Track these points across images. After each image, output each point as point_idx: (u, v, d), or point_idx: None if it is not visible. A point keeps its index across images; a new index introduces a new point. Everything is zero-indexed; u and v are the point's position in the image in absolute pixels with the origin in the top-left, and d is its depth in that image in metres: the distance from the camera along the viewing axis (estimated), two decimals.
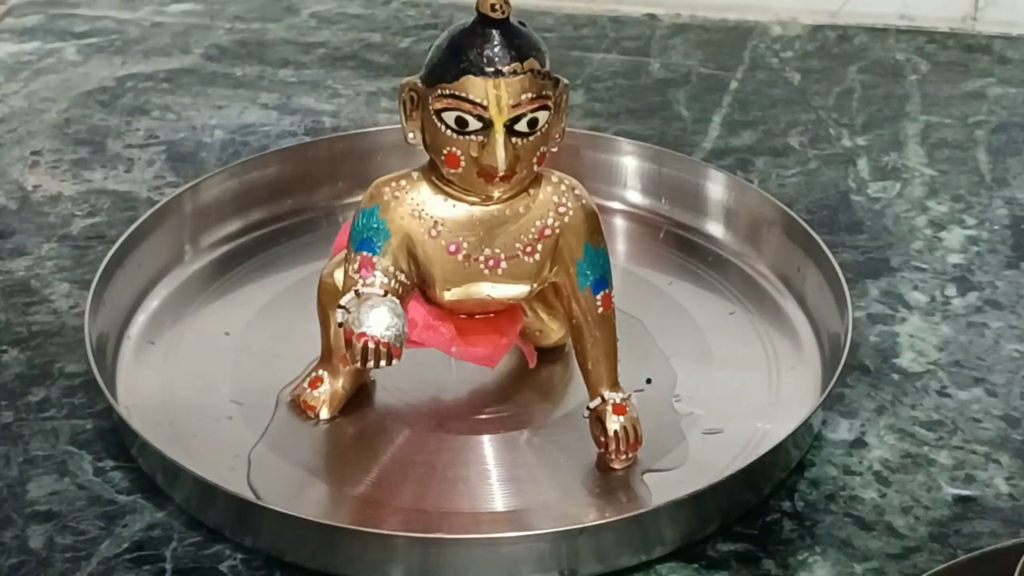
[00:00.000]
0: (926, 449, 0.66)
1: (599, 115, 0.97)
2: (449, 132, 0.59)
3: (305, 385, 0.67)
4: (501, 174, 0.59)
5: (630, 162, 0.85)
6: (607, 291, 0.63)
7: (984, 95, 1.00)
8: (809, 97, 0.99)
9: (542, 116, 0.59)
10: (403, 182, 0.61)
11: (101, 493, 0.63)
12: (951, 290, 0.78)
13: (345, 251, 0.62)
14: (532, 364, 0.69)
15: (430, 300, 0.63)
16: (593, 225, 0.63)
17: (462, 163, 0.59)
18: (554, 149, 0.61)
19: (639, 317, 0.74)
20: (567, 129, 0.62)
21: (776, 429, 0.65)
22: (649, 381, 0.69)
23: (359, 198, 0.63)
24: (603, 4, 1.14)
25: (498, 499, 0.63)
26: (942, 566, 0.56)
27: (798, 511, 0.63)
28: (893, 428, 0.68)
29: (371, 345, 0.58)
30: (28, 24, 1.10)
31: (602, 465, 0.64)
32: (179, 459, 0.61)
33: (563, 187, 0.62)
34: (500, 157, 0.58)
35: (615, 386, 0.64)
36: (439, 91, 0.58)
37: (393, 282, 0.60)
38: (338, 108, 0.98)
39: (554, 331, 0.69)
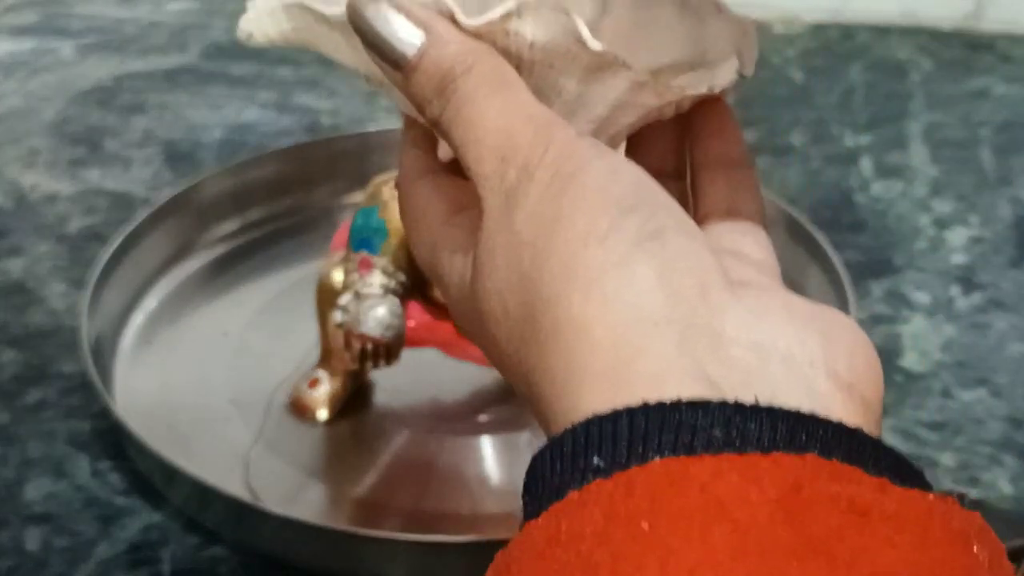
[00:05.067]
0: (929, 450, 0.66)
1: None
2: None
3: (303, 386, 0.67)
4: None
5: None
6: None
7: (988, 94, 0.99)
8: (811, 96, 0.99)
9: None
10: None
11: (98, 494, 0.63)
12: (955, 290, 0.78)
13: (344, 251, 0.62)
14: None
15: (430, 300, 0.63)
16: None
17: None
18: None
19: None
20: None
21: None
22: None
23: (358, 197, 0.63)
24: None
25: (498, 500, 0.63)
26: None
27: None
28: (896, 429, 0.67)
29: (370, 346, 0.58)
30: (25, 22, 1.10)
31: None
32: (177, 460, 0.60)
33: None
34: None
35: None
36: None
37: (393, 282, 0.60)
38: (336, 107, 0.97)
39: None
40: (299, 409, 0.66)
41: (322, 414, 0.66)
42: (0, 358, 0.71)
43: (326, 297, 0.64)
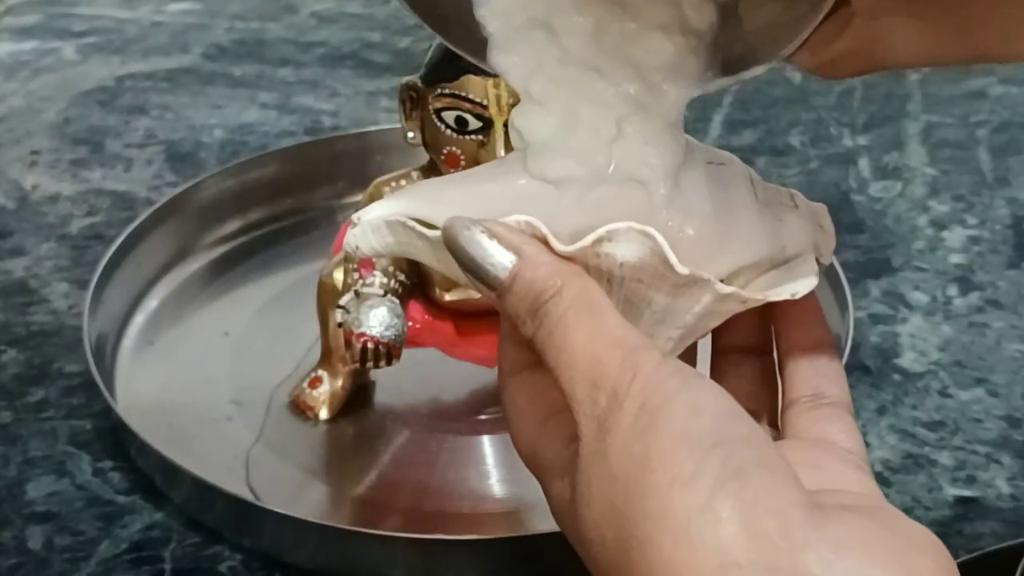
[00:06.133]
0: (927, 450, 0.66)
1: None
2: (449, 132, 0.58)
3: (304, 385, 0.67)
4: None
5: None
6: None
7: (985, 94, 0.99)
8: (810, 96, 0.99)
9: None
10: (403, 181, 0.61)
11: (100, 493, 0.63)
12: (952, 290, 0.78)
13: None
14: None
15: (430, 300, 0.63)
16: None
17: (462, 163, 0.59)
18: None
19: None
20: None
21: None
22: None
23: (358, 198, 0.63)
24: None
25: (498, 499, 0.63)
26: None
27: None
28: (894, 428, 0.67)
29: (371, 346, 0.58)
30: (27, 23, 1.10)
31: None
32: (178, 459, 0.60)
33: None
34: (500, 156, 0.58)
35: None
36: (439, 90, 0.58)
37: (393, 282, 0.60)
38: (337, 107, 0.98)
39: None
40: (300, 409, 0.67)
41: (323, 413, 0.66)
42: (2, 358, 0.72)
43: (327, 297, 0.64)
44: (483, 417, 0.67)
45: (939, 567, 0.34)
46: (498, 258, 0.37)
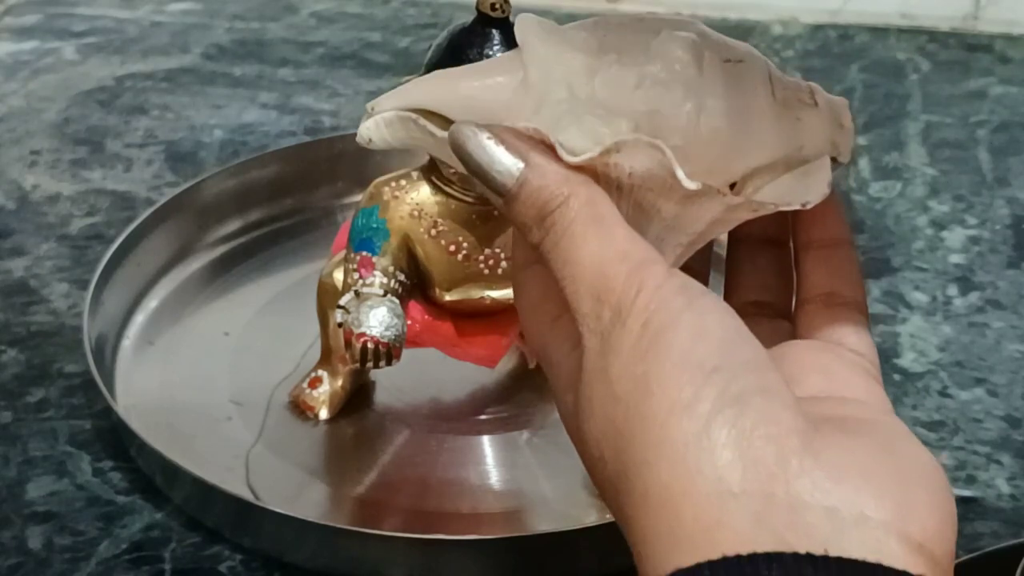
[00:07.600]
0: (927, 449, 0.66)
1: None
2: None
3: (304, 385, 0.67)
4: None
5: None
6: None
7: (985, 94, 1.00)
8: None
9: None
10: (403, 182, 0.61)
11: (100, 493, 0.63)
12: (952, 290, 0.78)
13: (344, 251, 0.62)
14: (532, 364, 0.69)
15: (430, 300, 0.63)
16: None
17: None
18: None
19: None
20: None
21: None
22: None
23: (358, 198, 0.63)
24: (603, 4, 1.13)
25: (498, 499, 0.63)
26: None
27: None
28: None
29: (371, 346, 0.58)
30: (27, 23, 1.10)
31: None
32: (178, 460, 0.60)
33: None
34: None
35: None
36: None
37: (393, 282, 0.60)
38: (337, 107, 0.98)
39: None
40: (300, 408, 0.67)
41: (323, 413, 0.66)
42: (2, 358, 0.72)
43: (327, 297, 0.64)
44: (483, 417, 0.67)
45: (934, 500, 0.34)
46: (505, 164, 0.37)
